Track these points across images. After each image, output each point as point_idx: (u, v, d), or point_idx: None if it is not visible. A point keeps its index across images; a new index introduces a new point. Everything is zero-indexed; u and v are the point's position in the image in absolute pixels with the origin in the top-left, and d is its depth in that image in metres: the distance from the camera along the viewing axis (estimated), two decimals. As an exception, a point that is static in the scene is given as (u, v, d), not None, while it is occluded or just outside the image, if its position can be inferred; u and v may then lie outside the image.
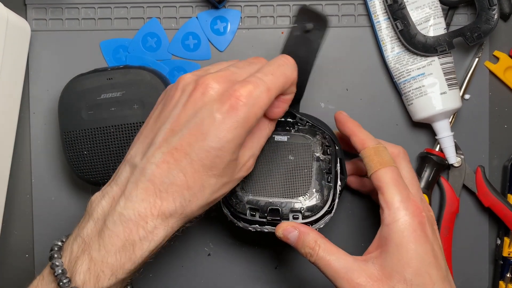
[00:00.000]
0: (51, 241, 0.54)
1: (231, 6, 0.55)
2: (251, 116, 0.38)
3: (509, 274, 0.54)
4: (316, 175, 0.45)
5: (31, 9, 0.55)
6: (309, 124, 0.48)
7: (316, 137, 0.47)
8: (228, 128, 0.37)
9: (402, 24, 0.52)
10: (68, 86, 0.51)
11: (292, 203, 0.45)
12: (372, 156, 0.44)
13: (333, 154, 0.46)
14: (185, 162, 0.37)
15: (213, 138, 0.37)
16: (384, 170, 0.43)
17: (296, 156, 0.46)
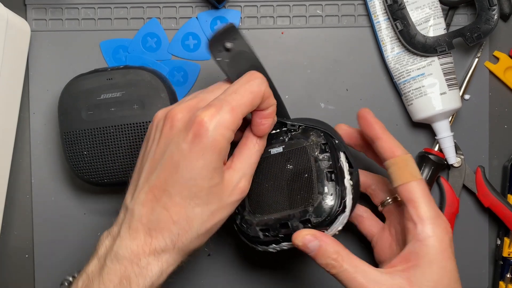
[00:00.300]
0: (51, 241, 0.54)
1: (231, 6, 0.55)
2: (217, 139, 0.37)
3: (509, 274, 0.54)
4: (317, 177, 0.42)
5: (31, 9, 0.55)
6: (302, 126, 0.45)
7: (310, 138, 0.44)
8: (196, 156, 0.37)
9: (402, 24, 0.52)
10: (68, 86, 0.51)
11: (299, 212, 0.42)
12: (403, 167, 0.43)
13: (333, 150, 0.43)
14: (165, 198, 0.38)
15: (184, 169, 0.38)
16: (416, 183, 0.42)
17: (294, 163, 0.44)
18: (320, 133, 0.44)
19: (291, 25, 0.55)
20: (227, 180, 0.40)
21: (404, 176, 0.42)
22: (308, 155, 0.43)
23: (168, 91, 0.50)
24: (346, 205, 0.42)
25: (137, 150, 0.49)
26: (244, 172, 0.41)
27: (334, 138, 0.45)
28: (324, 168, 0.43)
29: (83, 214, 0.55)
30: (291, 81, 0.55)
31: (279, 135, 0.45)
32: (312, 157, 0.43)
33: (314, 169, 0.43)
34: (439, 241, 0.40)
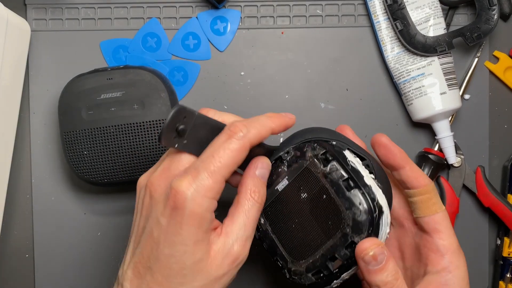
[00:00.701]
0: (51, 241, 0.54)
1: (231, 6, 0.55)
2: (196, 208, 0.34)
3: (509, 274, 0.54)
4: (336, 193, 0.37)
5: (31, 9, 0.55)
6: (293, 146, 0.41)
7: (307, 155, 0.40)
8: (175, 231, 0.35)
9: (402, 24, 0.52)
10: (68, 86, 0.51)
11: (339, 239, 0.37)
12: (430, 197, 0.41)
13: (336, 154, 0.39)
14: (148, 275, 0.36)
15: (164, 244, 0.35)
16: (442, 214, 0.41)
17: (307, 190, 0.39)
18: (313, 144, 0.40)
19: (291, 25, 0.55)
20: (216, 250, 0.36)
21: (432, 208, 0.41)
22: (315, 174, 0.39)
23: (168, 91, 0.51)
24: (381, 204, 0.37)
25: (137, 150, 0.50)
26: (237, 235, 0.37)
27: (330, 141, 0.40)
28: (338, 179, 0.38)
29: (83, 214, 0.55)
30: (291, 81, 0.55)
31: (277, 167, 0.41)
32: (320, 174, 0.39)
33: (328, 186, 0.38)
34: (465, 271, 0.40)
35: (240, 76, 0.55)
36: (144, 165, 0.50)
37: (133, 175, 0.50)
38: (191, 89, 0.55)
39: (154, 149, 0.50)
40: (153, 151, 0.50)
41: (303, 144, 0.40)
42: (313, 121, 0.55)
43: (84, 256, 0.55)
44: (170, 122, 0.35)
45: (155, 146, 0.50)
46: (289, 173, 0.40)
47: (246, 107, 0.55)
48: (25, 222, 0.55)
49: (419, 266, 0.42)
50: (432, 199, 0.41)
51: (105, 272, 0.55)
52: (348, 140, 0.41)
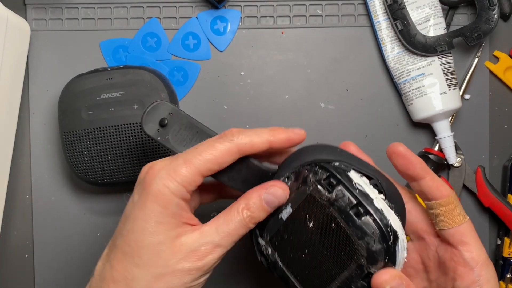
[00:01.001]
0: (51, 241, 0.54)
1: (231, 6, 0.55)
2: (161, 190, 0.34)
3: (509, 274, 0.54)
4: (345, 222, 0.34)
5: (31, 9, 0.55)
6: (293, 171, 0.38)
7: (308, 180, 0.36)
8: (139, 207, 0.35)
9: (402, 24, 0.52)
10: (68, 86, 0.51)
11: (354, 270, 0.35)
12: (454, 208, 0.38)
13: (340, 178, 0.35)
14: (113, 253, 0.36)
15: (128, 220, 0.35)
16: (468, 225, 0.39)
17: (313, 219, 0.36)
18: (314, 167, 0.36)
19: (291, 25, 0.55)
20: (182, 242, 0.35)
21: (457, 218, 0.38)
22: (320, 201, 0.35)
23: (168, 91, 0.50)
24: (395, 229, 0.34)
25: (137, 150, 0.50)
26: (212, 239, 0.35)
27: (332, 162, 0.37)
28: (346, 207, 0.34)
29: (83, 214, 0.55)
30: (291, 81, 0.55)
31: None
32: (325, 201, 0.35)
33: (336, 214, 0.35)
34: (495, 284, 0.38)
35: (240, 76, 0.55)
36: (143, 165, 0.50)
37: (133, 175, 0.50)
38: (191, 89, 0.55)
39: (154, 149, 0.50)
40: (153, 151, 0.50)
41: (303, 168, 0.37)
42: (313, 121, 0.55)
43: (84, 256, 0.55)
44: (149, 111, 0.38)
45: (155, 146, 0.50)
46: (292, 200, 0.37)
47: (246, 107, 0.55)
48: (25, 222, 0.55)
49: (446, 280, 0.39)
50: (455, 209, 0.38)
51: (105, 272, 0.55)
52: (352, 157, 0.38)
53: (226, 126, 0.54)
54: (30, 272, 0.55)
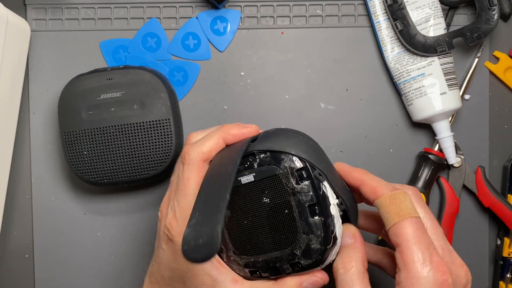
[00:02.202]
0: (51, 241, 0.55)
1: (231, 6, 0.55)
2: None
3: (509, 274, 0.54)
4: (299, 214, 0.37)
5: (31, 9, 0.55)
6: (271, 151, 0.38)
7: (282, 164, 0.38)
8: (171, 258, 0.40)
9: (402, 24, 0.52)
10: (68, 86, 0.51)
11: (287, 255, 0.38)
12: (388, 206, 0.36)
13: (310, 177, 0.37)
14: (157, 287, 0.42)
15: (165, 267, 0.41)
16: (404, 223, 0.35)
17: (270, 197, 0.38)
18: (293, 157, 0.38)
19: (291, 25, 0.55)
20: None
21: (391, 217, 0.36)
22: (284, 186, 0.38)
23: (168, 91, 0.50)
24: (336, 236, 0.37)
25: (137, 150, 0.50)
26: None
27: (313, 162, 0.38)
28: (305, 202, 0.37)
29: (83, 214, 0.55)
30: (291, 81, 0.55)
31: (246, 159, 0.39)
32: (289, 188, 0.37)
33: (294, 204, 0.37)
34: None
35: (240, 76, 0.55)
36: (144, 165, 0.50)
37: (133, 175, 0.50)
38: (191, 89, 0.55)
39: (154, 149, 0.50)
40: (153, 151, 0.50)
41: (283, 152, 0.38)
42: (313, 121, 0.55)
43: (84, 256, 0.55)
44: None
45: (155, 146, 0.50)
46: (257, 172, 0.39)
47: (246, 107, 0.55)
48: (25, 222, 0.55)
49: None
50: (391, 208, 0.36)
51: (105, 272, 0.55)
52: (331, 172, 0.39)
53: (226, 126, 0.55)
54: (30, 272, 0.55)
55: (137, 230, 0.55)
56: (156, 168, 0.50)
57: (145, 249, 0.55)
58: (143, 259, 0.55)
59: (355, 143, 0.55)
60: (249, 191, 0.39)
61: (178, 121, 0.51)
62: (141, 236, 0.55)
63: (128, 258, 0.55)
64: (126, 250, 0.55)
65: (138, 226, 0.55)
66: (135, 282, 0.55)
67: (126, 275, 0.55)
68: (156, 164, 0.50)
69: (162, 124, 0.50)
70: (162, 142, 0.50)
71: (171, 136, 0.50)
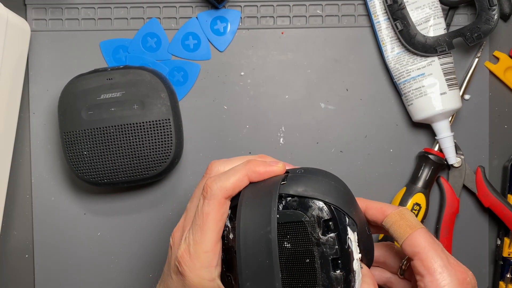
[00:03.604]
0: (51, 241, 0.55)
1: (231, 6, 0.55)
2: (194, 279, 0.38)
3: (509, 274, 0.54)
4: (321, 266, 0.35)
5: (31, 9, 0.55)
6: (299, 196, 0.36)
7: (309, 211, 0.35)
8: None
9: (402, 25, 0.52)
10: (68, 86, 0.51)
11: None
12: (399, 221, 0.39)
13: (339, 228, 0.35)
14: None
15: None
16: (417, 233, 0.38)
17: (292, 242, 0.35)
18: (322, 205, 0.35)
19: (291, 25, 0.55)
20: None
21: (404, 230, 0.38)
22: (309, 234, 0.35)
23: (168, 91, 0.51)
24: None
25: (137, 150, 0.50)
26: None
27: (342, 211, 0.36)
28: (329, 255, 0.35)
29: (83, 214, 0.55)
30: (291, 81, 0.55)
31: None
32: (314, 238, 0.35)
33: (316, 255, 0.35)
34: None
35: (240, 76, 0.55)
36: (144, 166, 0.50)
37: (133, 175, 0.50)
38: (191, 89, 0.55)
39: (154, 149, 0.50)
40: (153, 151, 0.50)
41: (311, 198, 0.36)
42: (313, 121, 0.55)
43: (84, 256, 0.55)
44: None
45: (155, 146, 0.50)
46: (281, 214, 0.36)
47: (246, 107, 0.55)
48: (25, 222, 0.55)
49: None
50: (401, 222, 0.38)
51: (105, 272, 0.55)
52: (361, 223, 0.38)
53: (226, 126, 0.55)
54: (30, 272, 0.55)
55: (137, 230, 0.55)
56: (156, 168, 0.50)
57: (145, 249, 0.55)
58: (143, 259, 0.55)
59: (355, 143, 0.55)
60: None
61: (178, 121, 0.51)
62: (141, 236, 0.55)
63: (128, 258, 0.55)
64: (126, 250, 0.55)
65: (138, 226, 0.55)
66: (135, 282, 0.55)
67: (126, 275, 0.55)
68: (156, 164, 0.50)
69: (162, 124, 0.50)
70: (162, 142, 0.50)
71: (171, 136, 0.50)
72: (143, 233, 0.55)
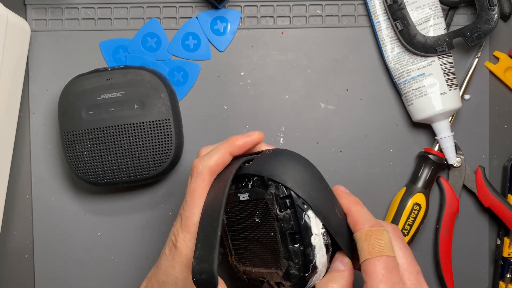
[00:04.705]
0: (51, 241, 0.55)
1: (231, 6, 0.55)
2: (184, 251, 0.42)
3: (509, 274, 0.54)
4: (281, 239, 0.38)
5: (31, 9, 0.55)
6: (257, 177, 0.40)
7: (269, 189, 0.38)
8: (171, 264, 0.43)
9: (402, 25, 0.52)
10: (68, 86, 0.51)
11: (272, 273, 0.40)
12: (362, 242, 0.37)
13: (293, 206, 0.38)
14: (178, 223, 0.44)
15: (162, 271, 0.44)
16: (372, 261, 0.36)
17: (260, 217, 0.40)
18: (279, 184, 0.38)
19: (291, 25, 0.55)
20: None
21: (362, 254, 0.37)
22: (270, 211, 0.39)
23: (168, 91, 0.51)
24: (316, 266, 0.38)
25: (137, 150, 0.50)
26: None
27: (296, 190, 0.38)
28: (286, 230, 0.38)
29: (83, 214, 0.55)
30: (291, 81, 0.55)
31: (243, 178, 0.41)
32: (273, 213, 0.38)
33: (277, 229, 0.38)
34: None
35: (240, 76, 0.55)
36: (144, 165, 0.50)
37: (133, 175, 0.50)
38: (191, 89, 0.55)
39: (154, 149, 0.50)
40: (153, 151, 0.50)
41: (269, 179, 0.38)
42: (313, 121, 0.55)
43: (84, 256, 0.55)
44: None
45: (154, 146, 0.50)
46: (251, 192, 0.40)
47: (246, 107, 0.55)
48: (25, 222, 0.55)
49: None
50: (364, 245, 0.37)
51: (105, 272, 0.55)
52: (316, 200, 0.38)
53: (226, 126, 0.55)
54: (30, 272, 0.55)
55: (137, 230, 0.55)
56: (156, 168, 0.50)
57: (145, 249, 0.55)
58: (143, 259, 0.55)
59: (355, 143, 0.55)
60: (246, 208, 0.41)
61: (178, 121, 0.51)
62: (141, 236, 0.55)
63: (128, 258, 0.55)
64: (126, 250, 0.55)
65: (138, 226, 0.55)
66: (135, 282, 0.55)
67: (126, 275, 0.55)
68: (156, 164, 0.50)
69: (162, 124, 0.50)
70: (162, 142, 0.50)
71: (171, 136, 0.50)
72: (143, 233, 0.55)
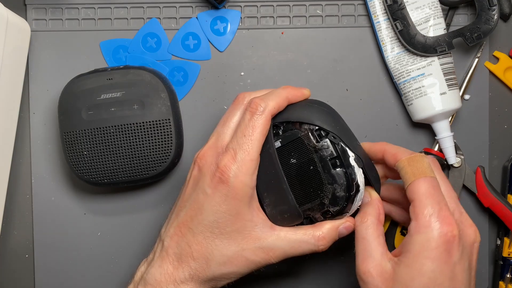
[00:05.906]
0: (51, 241, 0.55)
1: (231, 6, 0.55)
2: (238, 185, 0.41)
3: (509, 274, 0.54)
4: (323, 168, 0.43)
5: (31, 9, 0.55)
6: (292, 122, 0.44)
7: (302, 127, 0.44)
8: (219, 201, 0.41)
9: (402, 25, 0.52)
10: (68, 86, 0.51)
11: (317, 205, 0.43)
12: (406, 167, 0.41)
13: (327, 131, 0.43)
14: (189, 235, 0.43)
15: (208, 212, 0.42)
16: (418, 181, 0.40)
17: (296, 157, 0.44)
18: (309, 125, 0.44)
19: (291, 25, 0.55)
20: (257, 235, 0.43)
21: (408, 177, 0.41)
22: (307, 146, 0.43)
23: (168, 91, 0.51)
24: (359, 184, 0.43)
25: (137, 150, 0.50)
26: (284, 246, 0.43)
27: (330, 122, 0.44)
28: (327, 157, 0.43)
29: (83, 214, 0.55)
30: (291, 81, 0.55)
31: (273, 128, 0.45)
32: (311, 147, 0.43)
33: (317, 160, 0.43)
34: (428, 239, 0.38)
35: (240, 76, 0.55)
36: (144, 165, 0.50)
37: (133, 175, 0.50)
38: (191, 89, 0.55)
39: (154, 149, 0.50)
40: (153, 151, 0.50)
41: (303, 119, 0.44)
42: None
43: (84, 256, 0.55)
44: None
45: (155, 146, 0.50)
46: (282, 138, 0.44)
47: (246, 107, 0.55)
48: (25, 222, 0.55)
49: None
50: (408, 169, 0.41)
51: (105, 272, 0.55)
52: (346, 130, 0.45)
53: (226, 126, 0.55)
54: (30, 272, 0.55)
55: (137, 230, 0.55)
56: (156, 168, 0.50)
57: (145, 249, 0.55)
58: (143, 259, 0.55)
59: (355, 143, 0.55)
60: (280, 155, 0.44)
61: (178, 121, 0.51)
62: (141, 236, 0.55)
63: (128, 258, 0.55)
64: (126, 250, 0.55)
65: (138, 226, 0.55)
66: (135, 282, 0.55)
67: (126, 275, 0.55)
68: (156, 164, 0.50)
69: (162, 124, 0.50)
70: (162, 142, 0.50)
71: (171, 136, 0.50)
72: (143, 233, 0.55)
